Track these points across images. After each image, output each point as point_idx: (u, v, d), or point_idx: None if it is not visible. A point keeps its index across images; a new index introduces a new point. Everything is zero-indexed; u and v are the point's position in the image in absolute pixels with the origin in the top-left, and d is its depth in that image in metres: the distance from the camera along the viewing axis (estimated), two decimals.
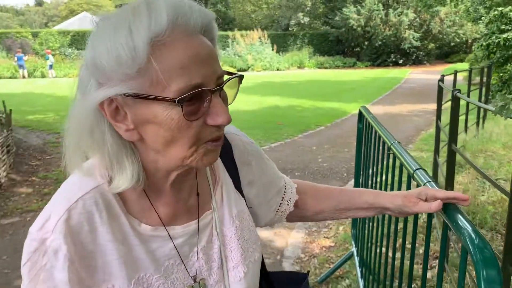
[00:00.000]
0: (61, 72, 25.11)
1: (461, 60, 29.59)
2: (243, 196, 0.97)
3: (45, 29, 36.81)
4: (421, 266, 1.26)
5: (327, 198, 1.10)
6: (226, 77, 0.74)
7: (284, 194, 1.07)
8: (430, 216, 1.18)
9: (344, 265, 3.33)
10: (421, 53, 33.73)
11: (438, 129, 3.84)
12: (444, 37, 33.75)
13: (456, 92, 2.85)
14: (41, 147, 7.65)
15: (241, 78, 0.77)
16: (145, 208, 0.81)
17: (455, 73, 5.62)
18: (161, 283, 0.81)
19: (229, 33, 32.48)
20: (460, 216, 0.94)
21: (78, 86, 0.74)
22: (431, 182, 1.16)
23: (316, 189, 1.13)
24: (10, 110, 7.08)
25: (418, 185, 1.25)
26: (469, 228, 0.89)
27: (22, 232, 4.21)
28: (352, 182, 5.66)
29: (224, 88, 0.73)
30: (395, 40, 32.37)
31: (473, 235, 0.87)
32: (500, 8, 10.09)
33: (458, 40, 34.22)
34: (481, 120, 8.46)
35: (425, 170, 1.31)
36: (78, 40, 31.23)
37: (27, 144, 7.72)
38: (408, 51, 32.91)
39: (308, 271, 1.28)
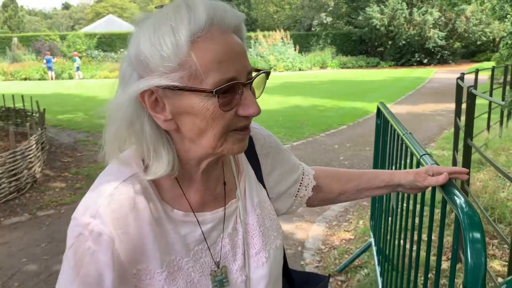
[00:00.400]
0: (87, 74, 25.79)
1: (488, 59, 29.02)
2: (264, 187, 1.02)
3: (72, 32, 37.82)
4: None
5: (350, 181, 1.17)
6: (254, 73, 0.81)
7: (302, 180, 1.13)
8: (444, 203, 1.29)
9: (363, 256, 3.46)
10: (446, 52, 33.22)
11: (456, 127, 3.92)
12: (470, 35, 33.14)
13: (471, 88, 2.94)
14: (72, 145, 7.98)
15: (267, 74, 0.83)
16: (177, 195, 0.86)
17: (477, 71, 5.65)
18: (190, 266, 0.86)
19: (252, 34, 32.67)
20: (455, 190, 1.08)
21: (120, 82, 0.80)
22: (435, 164, 1.30)
23: (339, 172, 1.20)
24: (44, 109, 7.43)
25: None
26: (462, 200, 1.03)
27: (57, 223, 4.48)
28: None
29: (252, 84, 0.80)
30: (419, 39, 31.99)
31: (463, 205, 1.01)
32: None
33: (484, 38, 33.55)
34: (505, 119, 8.40)
35: (430, 156, 1.45)
36: (104, 42, 32.00)
37: (58, 142, 8.07)
38: (432, 50, 32.47)
39: (329, 275, 1.36)
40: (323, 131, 9.12)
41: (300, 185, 1.12)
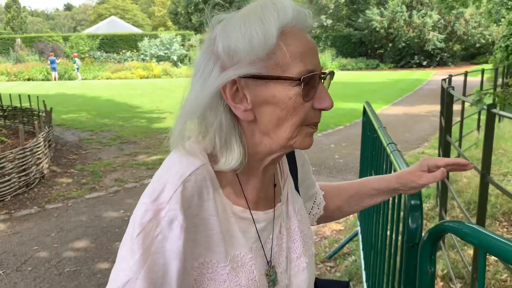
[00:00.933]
0: (90, 75, 26.08)
1: (487, 62, 29.27)
2: (299, 194, 1.03)
3: (75, 33, 38.15)
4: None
5: (338, 194, 1.16)
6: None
7: (315, 198, 1.14)
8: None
9: (352, 245, 3.72)
10: (445, 54, 33.54)
11: (441, 127, 4.17)
12: (469, 38, 33.46)
13: (449, 88, 3.20)
14: (77, 143, 8.25)
15: (333, 74, 0.87)
16: (236, 191, 0.86)
17: (466, 73, 5.92)
18: (253, 263, 0.85)
19: None
20: None
21: (197, 77, 0.81)
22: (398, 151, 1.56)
23: (329, 187, 1.19)
24: (51, 108, 7.71)
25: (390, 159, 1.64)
26: None
27: (65, 215, 4.74)
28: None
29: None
30: (419, 41, 32.31)
31: None
32: None
33: (483, 41, 33.86)
34: (497, 119, 8.64)
35: (395, 144, 1.71)
36: (106, 43, 32.30)
37: (64, 141, 8.34)
38: (432, 52, 32.79)
39: (349, 280, 1.49)
40: (320, 131, 9.36)
41: (314, 203, 1.14)
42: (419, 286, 1.14)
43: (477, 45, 34.38)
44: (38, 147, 5.92)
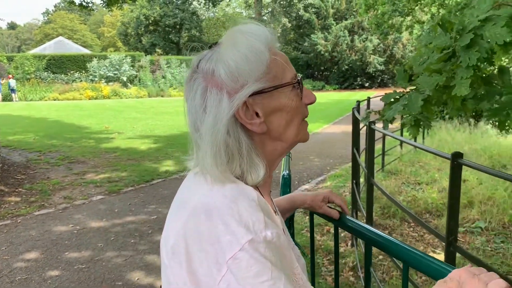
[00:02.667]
0: (37, 96, 25.59)
1: None
2: None
3: (20, 53, 37.16)
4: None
5: None
6: None
7: None
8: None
9: None
10: (386, 76, 35.66)
11: (352, 141, 4.78)
12: (407, 61, 35.63)
13: (354, 109, 3.84)
14: (25, 163, 8.35)
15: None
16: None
17: (368, 99, 6.73)
18: (302, 276, 0.89)
19: None
20: None
21: (198, 111, 0.85)
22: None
23: None
24: None
25: None
26: None
27: (15, 231, 4.96)
28: (302, 187, 6.62)
29: None
30: (361, 64, 34.20)
31: None
32: None
33: None
34: (425, 134, 9.60)
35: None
36: (54, 64, 31.74)
37: (11, 161, 8.40)
38: (373, 74, 34.78)
39: None
40: None
41: None
42: None
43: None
44: None
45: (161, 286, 0.97)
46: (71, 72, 30.97)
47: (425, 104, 1.64)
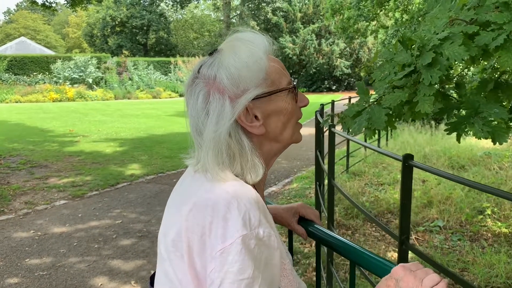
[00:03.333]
0: None
1: None
2: None
3: None
4: None
5: None
6: None
7: None
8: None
9: None
10: (352, 79, 36.34)
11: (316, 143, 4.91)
12: (373, 64, 36.52)
13: (317, 112, 3.93)
14: None
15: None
16: None
17: (333, 102, 6.90)
18: (292, 271, 0.97)
19: (171, 59, 33.32)
20: None
21: (200, 116, 0.90)
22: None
23: None
24: None
25: None
26: None
27: None
28: (269, 190, 6.68)
29: None
30: (328, 67, 34.76)
31: None
32: None
33: None
34: (388, 137, 9.87)
35: None
36: (16, 65, 30.75)
37: None
38: (340, 77, 35.41)
39: None
40: None
41: None
42: None
43: None
44: None
45: (151, 278, 1.03)
46: (34, 73, 30.08)
47: (389, 118, 1.71)
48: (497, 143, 1.33)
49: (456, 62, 1.47)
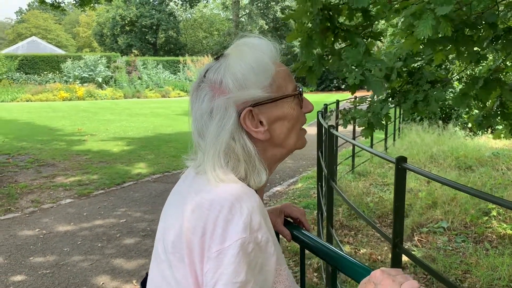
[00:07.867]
0: (8, 97, 24.95)
1: None
2: None
3: None
4: None
5: None
6: None
7: None
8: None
9: None
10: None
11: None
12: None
13: (319, 113, 3.92)
14: None
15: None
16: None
17: (337, 102, 6.87)
18: (289, 276, 0.96)
19: (181, 58, 33.40)
20: None
21: (202, 118, 0.92)
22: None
23: None
24: None
25: None
26: None
27: None
28: (273, 189, 6.67)
29: None
30: None
31: None
32: None
33: None
34: (396, 136, 9.81)
35: None
36: (27, 64, 31.08)
37: None
38: None
39: None
40: None
41: None
42: None
43: None
44: None
45: (143, 283, 1.03)
46: (45, 72, 30.37)
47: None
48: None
49: None
